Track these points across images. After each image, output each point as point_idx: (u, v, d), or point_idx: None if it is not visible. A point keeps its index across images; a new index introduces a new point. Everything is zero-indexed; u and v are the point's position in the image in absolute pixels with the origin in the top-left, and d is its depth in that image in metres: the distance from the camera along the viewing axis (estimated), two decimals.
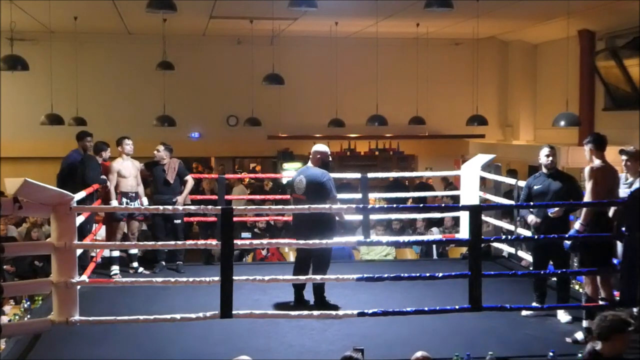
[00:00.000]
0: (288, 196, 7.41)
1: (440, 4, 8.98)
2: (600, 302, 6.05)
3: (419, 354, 4.38)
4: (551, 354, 5.11)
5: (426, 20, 13.76)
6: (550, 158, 6.81)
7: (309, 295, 6.89)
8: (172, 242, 7.52)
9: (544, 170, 6.88)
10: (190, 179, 8.94)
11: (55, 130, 13.36)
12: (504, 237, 9.03)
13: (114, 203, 8.22)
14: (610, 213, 6.20)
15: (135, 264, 8.52)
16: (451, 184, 15.25)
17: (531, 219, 6.84)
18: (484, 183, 9.40)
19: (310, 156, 7.04)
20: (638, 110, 12.41)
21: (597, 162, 6.15)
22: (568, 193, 6.63)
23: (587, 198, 6.18)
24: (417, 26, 14.27)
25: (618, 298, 6.21)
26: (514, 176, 11.57)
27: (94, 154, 8.61)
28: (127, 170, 8.44)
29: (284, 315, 6.09)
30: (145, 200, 8.65)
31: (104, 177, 8.42)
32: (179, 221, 8.65)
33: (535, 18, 14.15)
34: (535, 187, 6.87)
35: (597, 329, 4.16)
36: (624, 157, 6.66)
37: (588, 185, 6.07)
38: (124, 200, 8.36)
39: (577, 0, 10.96)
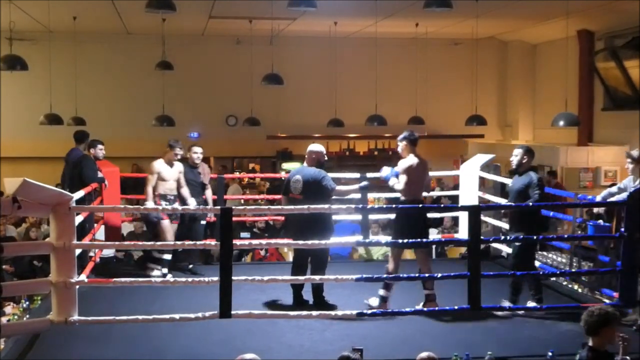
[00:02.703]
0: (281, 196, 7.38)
1: (440, 4, 8.99)
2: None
3: (424, 354, 4.35)
4: (550, 354, 5.11)
5: (425, 20, 13.77)
6: (517, 157, 6.82)
7: (307, 295, 6.89)
8: (171, 242, 7.52)
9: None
10: None
11: (55, 130, 13.36)
12: (502, 237, 9.03)
13: (150, 204, 7.77)
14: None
15: (165, 270, 8.00)
16: (442, 183, 15.32)
17: None
18: (483, 183, 9.40)
19: (306, 156, 7.04)
20: (637, 110, 12.42)
21: (410, 156, 6.62)
22: (524, 192, 6.68)
23: (398, 187, 6.62)
24: (417, 26, 14.28)
25: (617, 298, 6.23)
26: None
27: (87, 150, 8.51)
28: (168, 172, 7.97)
29: (283, 315, 6.09)
30: (193, 201, 8.07)
31: (101, 175, 8.40)
32: (204, 222, 8.46)
33: (535, 18, 14.16)
34: (508, 186, 7.03)
35: (585, 324, 4.26)
36: (628, 160, 6.72)
37: (402, 177, 6.57)
38: (163, 202, 7.89)
39: (576, 0, 10.96)
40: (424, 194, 7.10)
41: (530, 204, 6.54)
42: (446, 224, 11.01)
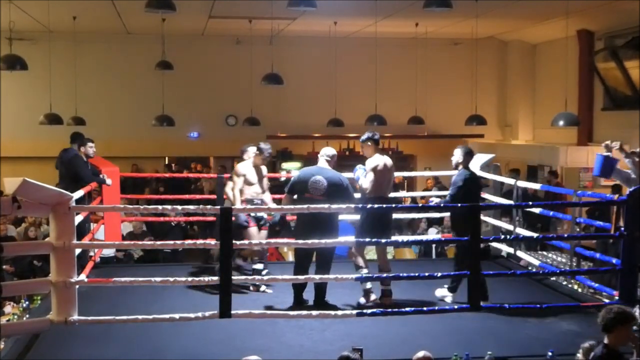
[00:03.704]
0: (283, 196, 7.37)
1: (439, 4, 8.99)
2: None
3: (420, 353, 4.39)
4: (550, 353, 5.11)
5: (425, 20, 13.76)
6: (454, 157, 7.06)
7: (307, 295, 6.89)
8: (171, 242, 7.51)
9: None
10: None
11: (54, 130, 13.34)
12: (502, 236, 9.04)
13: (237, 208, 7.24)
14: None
15: (263, 288, 7.42)
16: (439, 182, 15.28)
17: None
18: (488, 183, 9.41)
19: (328, 158, 7.02)
20: (637, 110, 12.42)
21: (376, 156, 6.88)
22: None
23: (364, 185, 6.83)
24: (416, 26, 14.27)
25: (617, 297, 6.23)
26: (516, 176, 11.59)
27: (78, 148, 8.48)
28: (254, 176, 7.60)
29: (282, 315, 6.10)
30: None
31: (103, 175, 8.39)
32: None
33: (534, 18, 14.15)
34: None
35: (602, 321, 4.30)
36: (637, 159, 6.83)
37: (369, 176, 6.81)
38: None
39: (576, 0, 10.96)
40: (392, 194, 7.22)
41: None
42: (446, 223, 11.01)
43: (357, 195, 7.14)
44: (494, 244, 9.02)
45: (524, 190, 10.06)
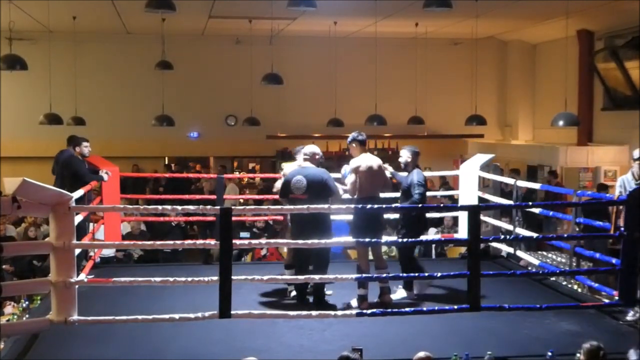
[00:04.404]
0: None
1: (439, 4, 9.00)
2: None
3: (421, 354, 4.39)
4: (550, 354, 5.11)
5: (425, 20, 13.77)
6: (402, 158, 7.20)
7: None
8: (171, 242, 7.50)
9: None
10: None
11: (54, 130, 13.35)
12: (502, 237, 9.03)
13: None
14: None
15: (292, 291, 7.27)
16: (447, 183, 15.26)
17: None
18: (488, 183, 9.41)
19: (307, 157, 7.03)
20: (637, 110, 12.42)
21: (361, 156, 6.88)
22: (407, 191, 7.06)
23: (347, 187, 6.82)
24: (416, 26, 14.28)
25: (617, 298, 6.23)
26: (517, 176, 11.60)
27: (73, 148, 8.47)
28: None
29: (282, 315, 6.09)
30: None
31: (106, 172, 8.38)
32: None
33: (534, 18, 14.16)
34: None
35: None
36: (635, 164, 6.88)
37: (350, 177, 6.83)
38: None
39: (576, 0, 10.96)
40: (386, 194, 7.24)
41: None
42: (447, 223, 11.01)
43: (346, 196, 7.09)
44: (494, 244, 9.02)
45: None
